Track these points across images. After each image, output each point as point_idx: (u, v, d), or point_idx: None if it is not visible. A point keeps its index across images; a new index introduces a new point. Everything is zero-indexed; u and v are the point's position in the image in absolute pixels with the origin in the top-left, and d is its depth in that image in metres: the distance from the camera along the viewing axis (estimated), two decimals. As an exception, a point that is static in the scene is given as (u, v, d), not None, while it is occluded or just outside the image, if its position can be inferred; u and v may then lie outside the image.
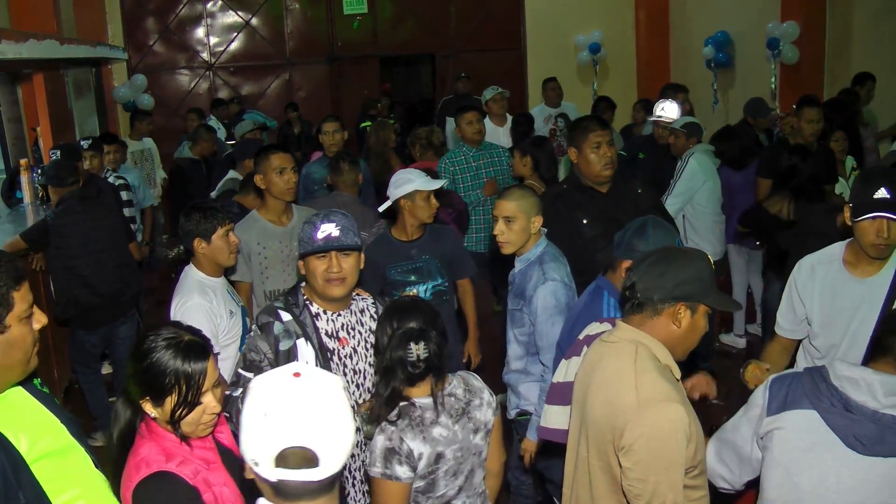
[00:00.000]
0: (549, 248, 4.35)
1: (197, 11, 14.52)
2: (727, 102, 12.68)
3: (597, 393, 2.87)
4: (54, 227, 6.34)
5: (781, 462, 2.77)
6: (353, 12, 14.68)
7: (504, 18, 15.03)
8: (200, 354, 2.62)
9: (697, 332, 2.89)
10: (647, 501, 2.67)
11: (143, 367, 2.59)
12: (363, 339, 3.71)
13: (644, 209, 4.87)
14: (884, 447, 2.60)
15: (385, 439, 3.06)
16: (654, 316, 2.84)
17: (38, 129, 9.57)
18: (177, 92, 14.61)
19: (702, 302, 2.84)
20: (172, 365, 2.56)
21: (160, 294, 9.39)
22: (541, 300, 4.19)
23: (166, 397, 2.57)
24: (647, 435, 2.66)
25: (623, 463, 2.72)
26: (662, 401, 2.69)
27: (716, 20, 12.69)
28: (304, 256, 3.62)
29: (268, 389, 2.05)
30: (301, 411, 2.00)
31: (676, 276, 2.80)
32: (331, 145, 7.46)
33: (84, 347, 6.56)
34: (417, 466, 3.07)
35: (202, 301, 4.16)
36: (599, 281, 3.86)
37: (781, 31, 10.96)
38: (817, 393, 2.71)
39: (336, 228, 3.54)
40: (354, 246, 3.59)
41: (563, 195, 5.01)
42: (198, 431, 2.65)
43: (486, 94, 9.49)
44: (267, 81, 14.93)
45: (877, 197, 3.54)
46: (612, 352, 2.89)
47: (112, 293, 6.42)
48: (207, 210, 4.38)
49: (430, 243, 5.17)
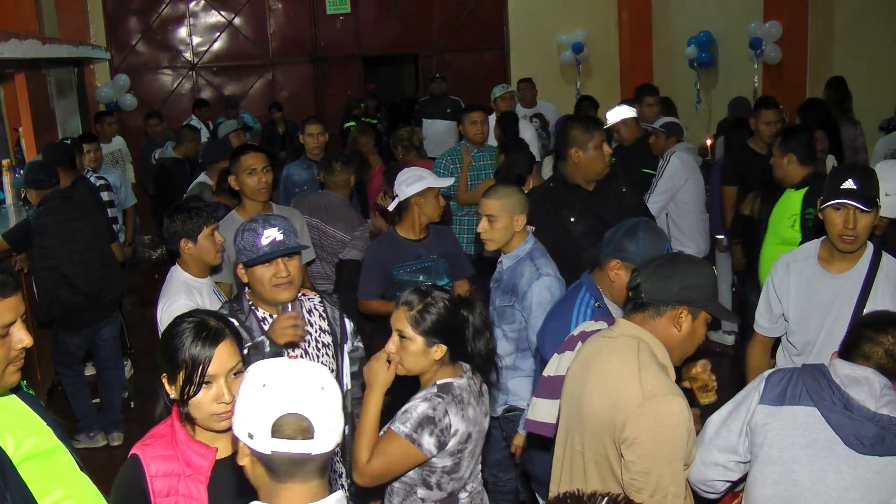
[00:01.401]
0: (537, 245, 4.38)
1: (180, 11, 14.44)
2: (710, 102, 12.72)
3: (595, 386, 2.88)
4: (36, 227, 6.31)
5: (779, 458, 2.77)
6: (335, 12, 14.65)
7: (487, 18, 15.03)
8: (214, 338, 2.63)
9: (696, 339, 2.94)
10: (651, 494, 2.69)
11: (163, 342, 2.68)
12: (313, 339, 3.67)
13: (628, 207, 4.92)
14: (883, 447, 2.62)
15: (430, 407, 3.11)
16: (655, 317, 2.89)
17: (20, 129, 9.50)
18: (160, 92, 14.53)
19: (704, 308, 2.89)
20: (186, 344, 2.61)
21: (143, 294, 9.35)
22: (536, 295, 4.21)
23: (178, 374, 2.61)
24: (651, 428, 2.69)
25: (626, 456, 2.73)
26: (667, 394, 2.73)
27: (698, 20, 12.73)
28: (249, 265, 3.53)
29: (266, 367, 2.11)
30: (298, 383, 2.05)
31: (682, 280, 2.86)
32: (313, 148, 7.41)
33: (67, 349, 6.52)
34: (448, 443, 3.11)
35: (188, 303, 4.09)
36: (583, 278, 3.88)
37: (764, 31, 11.00)
38: (819, 390, 2.72)
39: (279, 232, 3.48)
40: (299, 248, 3.56)
41: (550, 193, 5.05)
42: (210, 422, 2.65)
43: (495, 91, 9.65)
44: (250, 81, 14.88)
45: (843, 187, 3.65)
46: (613, 346, 2.91)
47: (95, 293, 6.38)
48: (192, 210, 4.36)
49: (435, 243, 5.15)
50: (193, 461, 2.65)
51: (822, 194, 3.76)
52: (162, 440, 2.67)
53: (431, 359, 3.20)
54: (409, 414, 3.11)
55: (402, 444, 3.09)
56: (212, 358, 2.60)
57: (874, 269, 3.80)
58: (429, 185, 4.97)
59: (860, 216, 3.65)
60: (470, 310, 3.30)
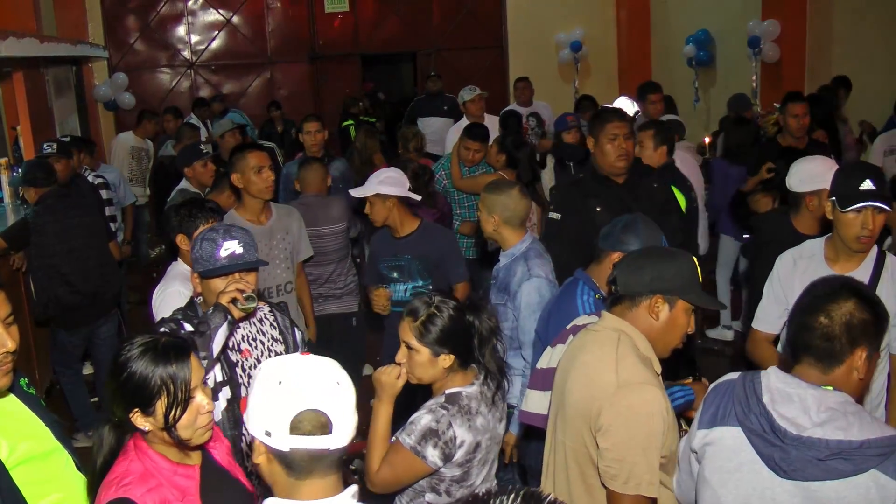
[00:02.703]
0: (534, 245, 4.40)
1: (178, 9, 14.44)
2: (708, 101, 12.73)
3: (577, 376, 2.91)
4: (34, 225, 6.30)
5: (710, 480, 2.64)
6: (334, 10, 14.65)
7: (485, 17, 15.05)
8: (181, 353, 2.50)
9: (678, 328, 2.93)
10: (624, 482, 2.69)
11: (122, 380, 2.46)
12: (266, 348, 3.62)
13: (658, 202, 4.93)
14: (804, 474, 2.42)
15: (433, 420, 3.07)
16: (632, 307, 2.91)
17: (18, 128, 9.51)
18: (158, 91, 14.53)
19: (679, 297, 2.88)
20: (153, 370, 2.44)
21: (144, 293, 9.31)
22: (524, 296, 4.23)
23: (156, 403, 2.44)
24: (625, 415, 2.70)
25: (600, 443, 2.75)
26: (642, 383, 2.75)
27: (697, 18, 12.74)
28: (205, 276, 3.40)
29: (280, 364, 2.13)
30: (314, 379, 2.07)
31: (654, 271, 2.88)
32: (312, 145, 7.40)
33: (65, 348, 6.52)
34: (454, 455, 3.08)
35: (182, 289, 4.08)
36: (577, 273, 3.89)
37: (762, 30, 11.01)
38: (746, 409, 2.54)
39: (239, 245, 3.37)
40: (258, 263, 3.48)
41: (579, 182, 5.09)
42: (196, 437, 2.53)
43: (463, 94, 9.17)
44: (248, 80, 14.88)
45: (863, 188, 3.56)
46: (596, 339, 2.94)
47: (93, 292, 6.38)
48: (193, 207, 4.35)
49: (416, 243, 5.16)
50: (181, 484, 2.53)
51: (834, 194, 3.67)
52: (138, 475, 2.47)
53: (440, 367, 3.15)
54: (415, 425, 3.09)
55: (407, 455, 3.07)
56: (190, 372, 2.48)
57: (879, 269, 3.76)
58: (375, 191, 5.07)
59: (877, 216, 3.60)
60: (477, 316, 3.24)
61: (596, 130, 4.93)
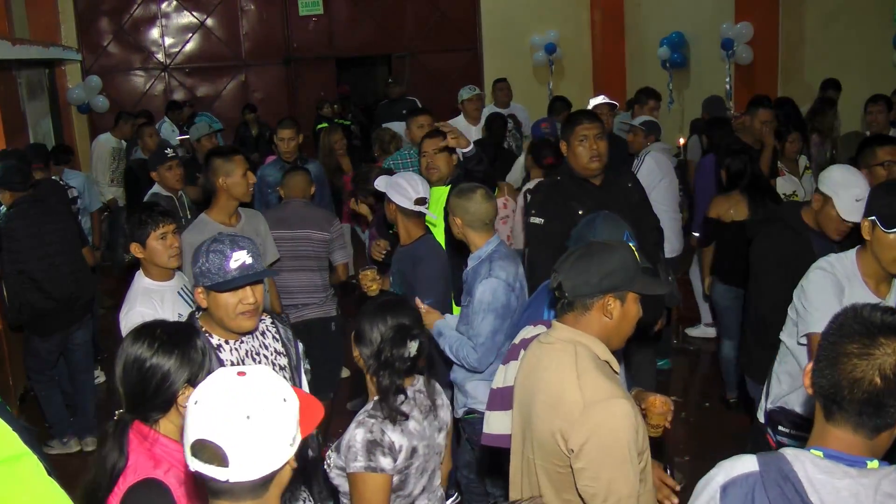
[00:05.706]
0: (500, 248, 4.38)
1: (151, 12, 14.38)
2: (682, 102, 12.81)
3: (539, 396, 2.86)
4: (6, 230, 6.24)
5: None
6: (308, 13, 14.62)
7: (460, 19, 15.07)
8: (187, 337, 2.69)
9: (630, 320, 2.89)
10: (604, 499, 2.67)
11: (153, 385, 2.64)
12: (269, 363, 3.45)
13: (633, 202, 4.93)
14: None
15: (366, 432, 3.02)
16: (585, 312, 2.84)
17: (-10, 131, 9.42)
18: (132, 93, 14.47)
19: (629, 290, 2.84)
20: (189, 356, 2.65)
21: (118, 297, 9.24)
22: (478, 294, 4.22)
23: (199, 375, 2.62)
24: (596, 433, 2.66)
25: (575, 465, 2.71)
26: (607, 398, 2.70)
27: (671, 21, 12.81)
28: (217, 290, 3.20)
29: (208, 381, 2.01)
30: (224, 407, 1.93)
31: (601, 269, 2.80)
32: (286, 152, 7.37)
33: (39, 354, 6.46)
34: (398, 459, 3.04)
35: (143, 310, 4.02)
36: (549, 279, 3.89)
37: (735, 32, 11.09)
38: None
39: (248, 256, 3.19)
40: (266, 273, 3.38)
41: (558, 185, 5.05)
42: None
43: (462, 93, 9.40)
44: (223, 83, 14.83)
45: None
46: (551, 353, 2.88)
47: (66, 297, 6.33)
48: (142, 213, 4.30)
49: (403, 256, 4.99)
50: None
51: (877, 213, 3.44)
52: (151, 463, 2.57)
53: None
54: (354, 448, 3.01)
55: (366, 478, 3.00)
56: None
57: None
58: (384, 189, 4.96)
59: None
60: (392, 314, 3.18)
61: (567, 134, 4.91)
